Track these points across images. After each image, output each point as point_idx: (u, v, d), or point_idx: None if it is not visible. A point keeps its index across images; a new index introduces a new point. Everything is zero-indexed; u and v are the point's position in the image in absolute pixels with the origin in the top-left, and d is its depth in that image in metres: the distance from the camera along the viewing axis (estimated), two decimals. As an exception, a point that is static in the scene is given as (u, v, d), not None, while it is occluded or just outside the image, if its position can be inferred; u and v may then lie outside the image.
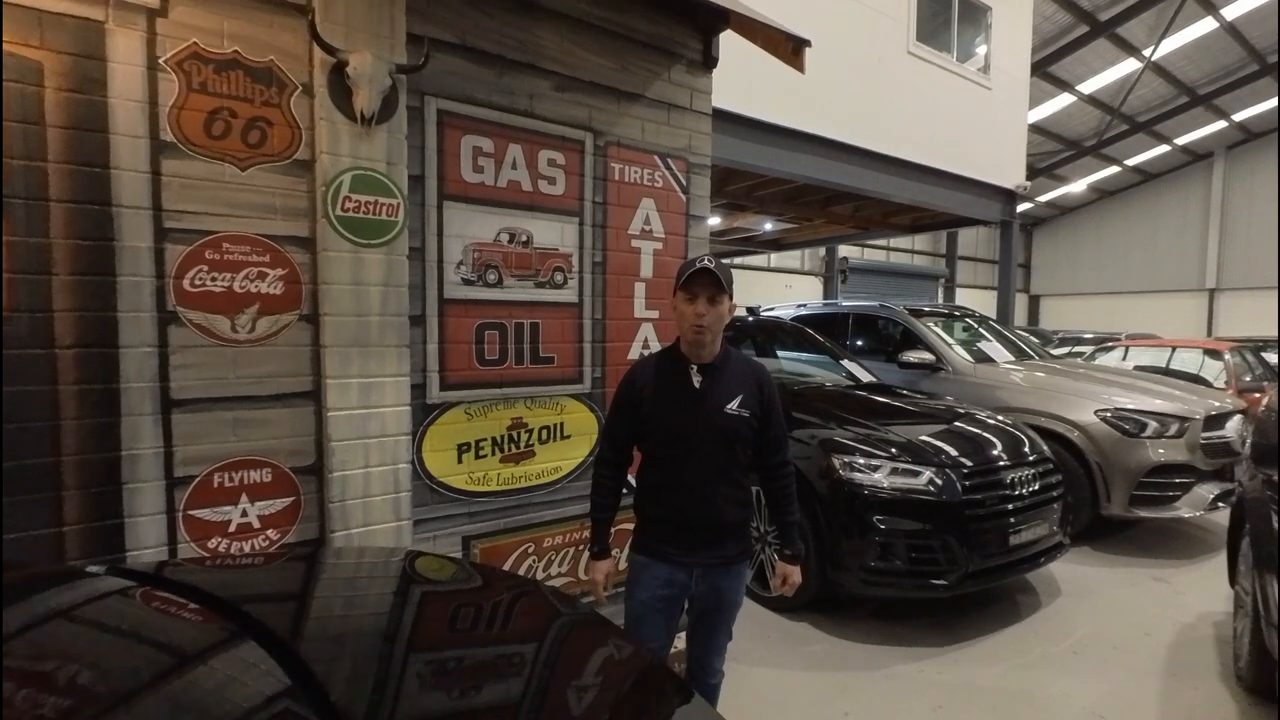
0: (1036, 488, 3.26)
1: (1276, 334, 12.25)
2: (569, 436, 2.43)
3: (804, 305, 6.98)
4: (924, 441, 3.28)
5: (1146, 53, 12.51)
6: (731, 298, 1.72)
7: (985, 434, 3.51)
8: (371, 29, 1.84)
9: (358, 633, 1.05)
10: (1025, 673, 2.80)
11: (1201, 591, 3.66)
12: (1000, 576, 3.14)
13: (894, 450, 3.16)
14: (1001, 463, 3.26)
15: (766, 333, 5.59)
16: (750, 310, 5.75)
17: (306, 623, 1.08)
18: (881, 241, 18.93)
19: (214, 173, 1.73)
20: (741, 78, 5.23)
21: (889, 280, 15.68)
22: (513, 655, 1.02)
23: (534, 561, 2.40)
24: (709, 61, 2.73)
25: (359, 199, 1.84)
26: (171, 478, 1.71)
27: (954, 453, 3.23)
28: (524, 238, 2.29)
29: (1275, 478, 2.17)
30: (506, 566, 2.34)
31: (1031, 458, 3.41)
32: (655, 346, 2.64)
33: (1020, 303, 23.37)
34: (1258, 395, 6.98)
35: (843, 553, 3.04)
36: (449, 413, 2.17)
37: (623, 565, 2.19)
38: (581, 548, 2.48)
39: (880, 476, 3.06)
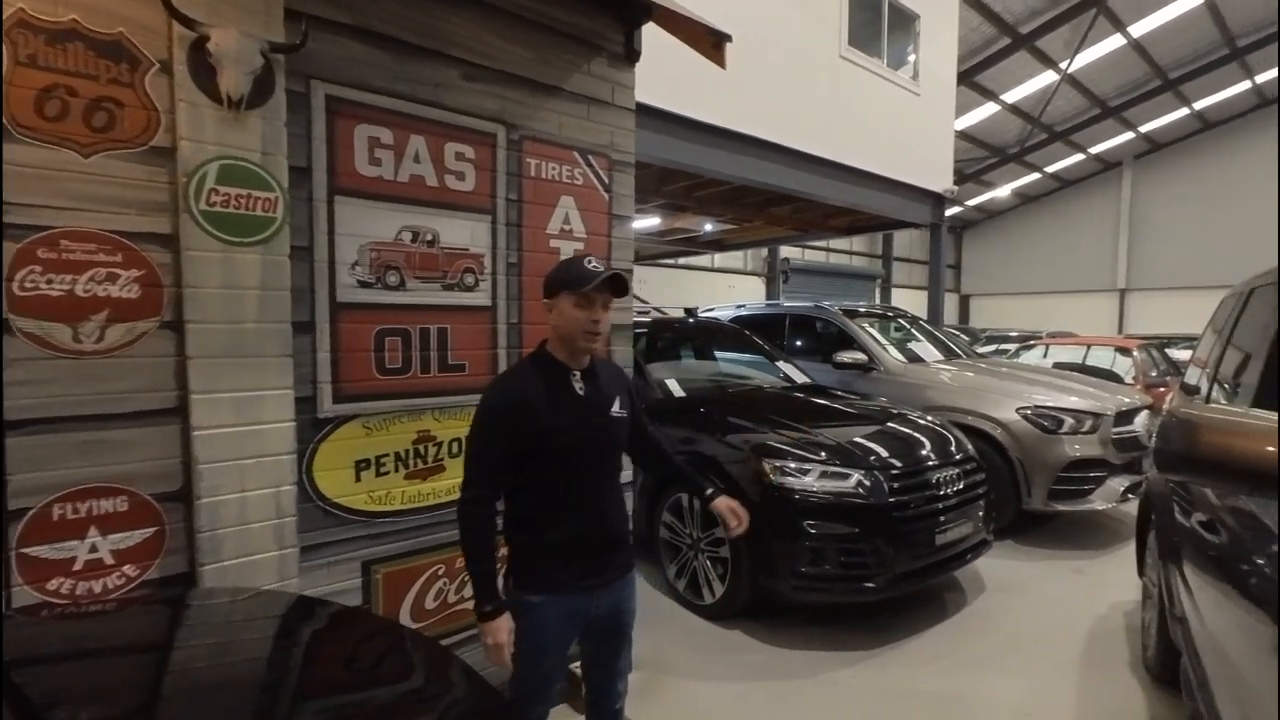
0: (961, 487, 3.31)
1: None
2: (483, 449, 2.28)
3: (743, 306, 7.00)
4: (854, 443, 3.27)
5: (1063, 65, 13.22)
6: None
7: (916, 434, 3.55)
8: (239, 1, 1.65)
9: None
10: (956, 674, 2.82)
11: (1114, 582, 3.81)
12: (929, 576, 3.17)
13: (824, 454, 3.14)
14: (929, 463, 3.30)
15: (705, 334, 5.56)
16: (688, 311, 5.70)
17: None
18: (821, 243, 19.37)
19: (49, 160, 1.50)
20: (679, 78, 5.15)
21: (829, 280, 16.02)
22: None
23: (445, 584, 2.24)
24: (631, 55, 2.62)
25: (228, 192, 1.65)
26: (1, 511, 1.48)
27: (884, 454, 3.24)
28: (429, 237, 2.13)
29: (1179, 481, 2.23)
30: (415, 590, 2.17)
31: (957, 457, 3.46)
32: (577, 352, 2.52)
33: (951, 302, 24.40)
34: (1162, 390, 7.43)
35: (775, 559, 3.00)
36: (344, 427, 1.98)
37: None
38: (501, 566, 2.33)
39: (811, 480, 3.03)
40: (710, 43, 2.33)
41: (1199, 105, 17.05)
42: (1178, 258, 19.37)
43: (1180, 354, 10.18)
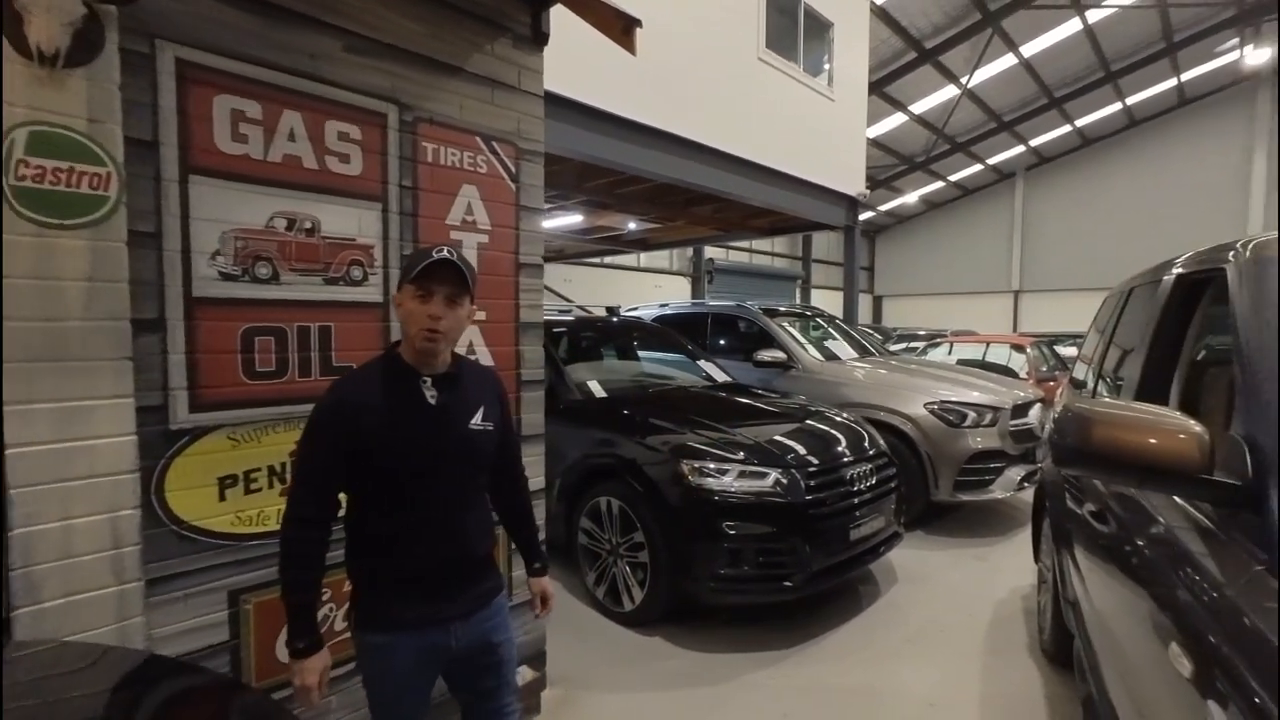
0: (874, 482, 3.37)
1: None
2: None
3: (666, 305, 6.98)
4: (773, 442, 3.27)
5: (964, 80, 14.07)
6: (473, 300, 1.44)
7: (832, 431, 3.59)
8: (55, -62, 1.40)
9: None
10: (868, 667, 2.86)
11: (1012, 568, 4.01)
12: (845, 571, 3.20)
13: (743, 453, 3.12)
14: (845, 459, 3.34)
15: (627, 334, 5.47)
16: (610, 310, 5.60)
17: None
18: (745, 244, 19.81)
19: None
20: (599, 71, 5.04)
21: (752, 281, 16.37)
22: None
23: (332, 609, 2.03)
24: (539, 37, 2.48)
25: (43, 164, 1.39)
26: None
27: (802, 451, 3.25)
28: (308, 225, 1.91)
29: (1073, 475, 2.33)
30: (296, 619, 1.94)
31: (871, 453, 3.53)
32: (482, 352, 2.36)
33: (865, 302, 25.59)
34: (1052, 384, 8.01)
35: (694, 562, 2.94)
36: (205, 440, 1.74)
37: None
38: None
39: (729, 480, 2.99)
40: (620, 27, 2.23)
41: (1080, 123, 18.63)
42: (1064, 262, 21.10)
43: (1067, 350, 11.05)
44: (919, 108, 15.68)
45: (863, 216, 9.07)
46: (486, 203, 2.35)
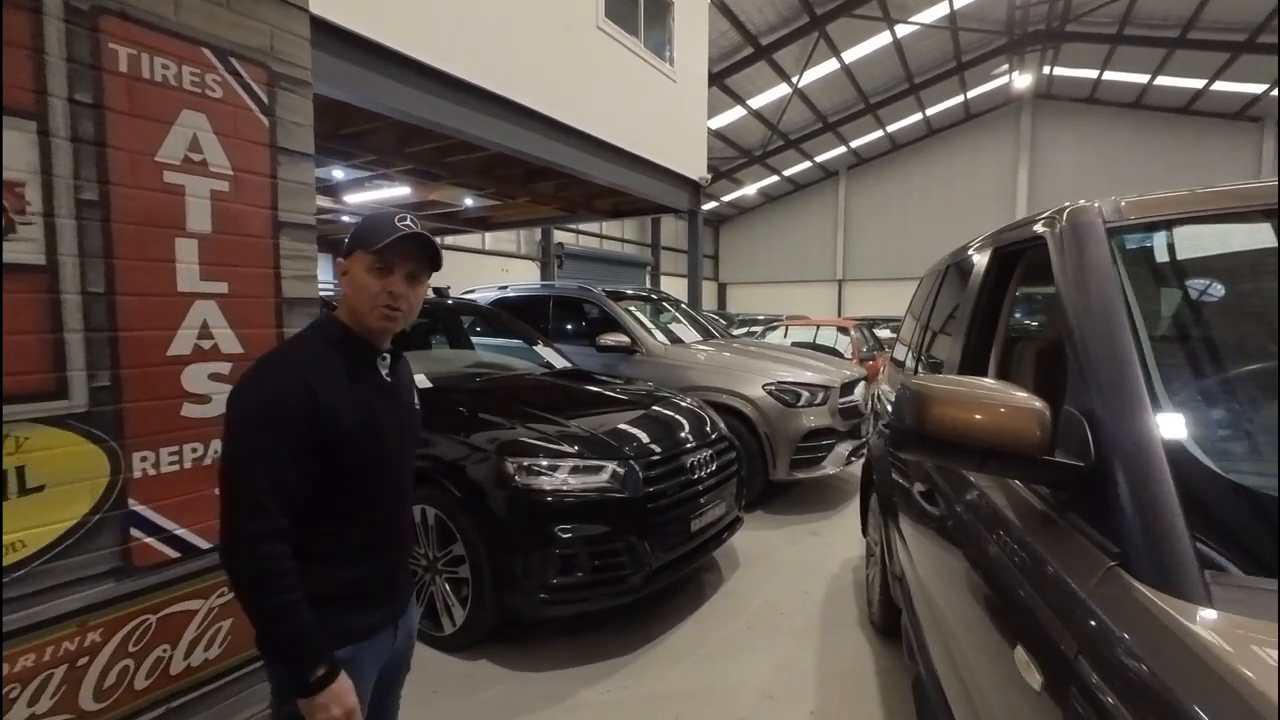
0: (715, 468, 3.25)
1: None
2: (41, 489, 1.47)
3: (506, 288, 6.49)
4: (612, 432, 3.00)
5: (795, 80, 14.95)
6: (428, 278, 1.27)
7: (676, 416, 3.42)
8: None
9: None
10: (708, 665, 2.71)
11: (842, 540, 4.16)
12: (687, 564, 3.03)
13: (577, 446, 2.81)
14: (688, 445, 3.17)
15: (457, 317, 4.94)
16: (439, 291, 5.00)
17: None
18: (594, 229, 19.65)
19: None
20: (423, 22, 4.45)
21: (603, 266, 16.23)
22: None
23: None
24: (299, -70, 1.94)
25: None
26: None
27: (645, 439, 3.03)
28: (-113, 142, 1.26)
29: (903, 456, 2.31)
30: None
31: (712, 437, 3.41)
32: (224, 336, 1.80)
33: (711, 290, 26.72)
34: (872, 362, 8.73)
35: (521, 574, 2.59)
36: None
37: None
38: (82, 662, 1.55)
39: (562, 478, 2.68)
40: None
41: (890, 129, 20.78)
42: (879, 254, 23.54)
43: (883, 333, 12.20)
44: (756, 103, 16.42)
45: (707, 207, 9.21)
46: (224, 139, 1.78)
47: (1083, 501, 1.05)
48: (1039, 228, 1.52)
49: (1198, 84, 16.40)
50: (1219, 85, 16.16)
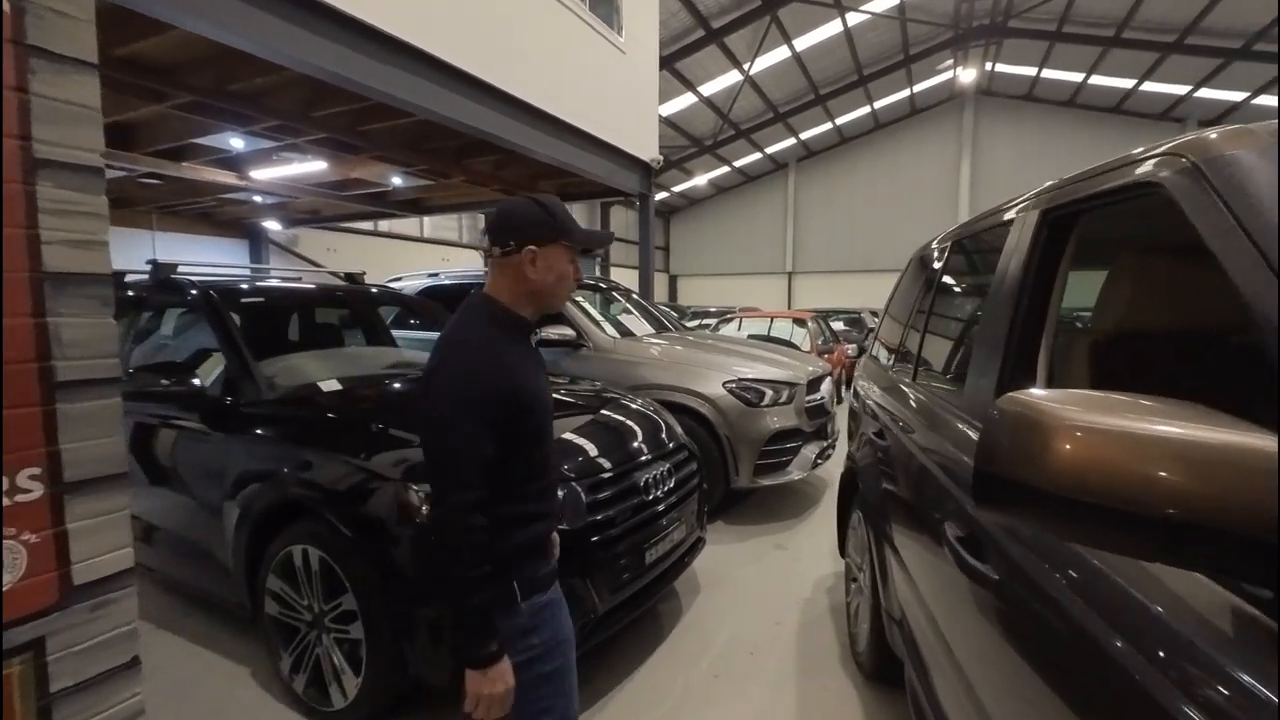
0: (673, 484, 2.75)
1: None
2: None
3: (437, 274, 5.83)
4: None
5: (746, 66, 14.59)
6: None
7: (629, 422, 2.90)
8: None
9: None
10: (668, 728, 2.22)
11: (813, 555, 3.75)
12: (641, 603, 2.52)
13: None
14: (642, 458, 2.66)
15: (372, 308, 4.29)
16: (349, 277, 4.29)
17: None
18: (542, 217, 18.81)
19: None
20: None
21: (549, 256, 15.58)
22: None
23: None
24: None
25: None
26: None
27: (592, 452, 2.51)
28: None
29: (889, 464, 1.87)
30: None
31: (670, 446, 2.91)
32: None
33: (662, 281, 26.31)
34: (829, 355, 8.45)
35: (428, 635, 2.02)
36: None
37: None
38: None
39: (483, 507, 2.12)
40: None
41: (839, 121, 20.77)
42: (827, 247, 23.62)
43: (837, 325, 11.99)
44: (707, 89, 16.01)
45: (658, 197, 8.71)
46: (-79, 20, 1.14)
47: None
48: (1148, 168, 1.06)
49: (1128, 84, 16.95)
50: (1148, 86, 16.75)
